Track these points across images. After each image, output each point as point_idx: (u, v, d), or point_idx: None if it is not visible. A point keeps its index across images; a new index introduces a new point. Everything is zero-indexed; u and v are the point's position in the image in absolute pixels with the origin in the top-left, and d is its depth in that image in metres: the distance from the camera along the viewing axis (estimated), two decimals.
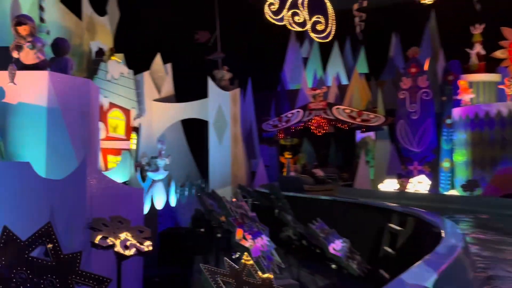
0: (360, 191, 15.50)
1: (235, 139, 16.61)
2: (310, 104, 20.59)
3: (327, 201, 10.21)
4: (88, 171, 5.45)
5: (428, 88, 18.44)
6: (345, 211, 9.41)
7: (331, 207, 10.11)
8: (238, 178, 16.76)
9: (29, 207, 4.84)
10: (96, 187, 5.66)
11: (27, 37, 6.28)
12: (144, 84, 16.51)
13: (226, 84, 16.95)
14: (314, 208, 10.88)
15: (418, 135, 18.60)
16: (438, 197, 15.94)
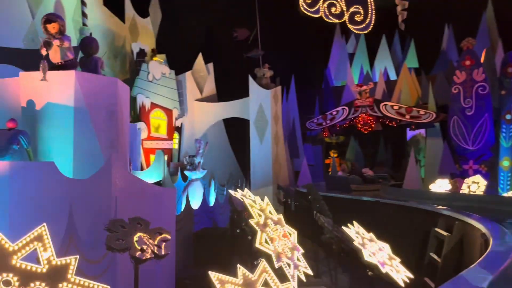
0: (409, 191, 14.59)
1: (276, 138, 16.31)
2: (356, 101, 19.85)
3: (370, 203, 9.65)
4: (114, 170, 5.38)
5: (484, 81, 17.13)
6: (388, 214, 8.84)
7: (373, 209, 9.56)
8: (280, 178, 16.46)
9: (52, 207, 4.84)
10: (123, 187, 5.59)
11: (56, 35, 6.35)
12: (186, 84, 16.63)
13: (267, 82, 16.68)
14: (357, 209, 10.37)
15: (473, 132, 17.33)
16: (496, 199, 14.67)
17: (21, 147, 5.33)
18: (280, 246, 5.36)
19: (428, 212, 7.69)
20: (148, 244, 4.17)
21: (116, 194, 5.34)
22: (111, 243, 3.99)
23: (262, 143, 16.12)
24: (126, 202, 5.61)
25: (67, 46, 6.46)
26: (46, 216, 4.38)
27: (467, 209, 7.47)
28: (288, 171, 17.87)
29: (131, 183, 5.88)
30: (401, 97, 19.51)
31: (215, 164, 17.59)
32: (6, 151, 5.13)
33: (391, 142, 24.06)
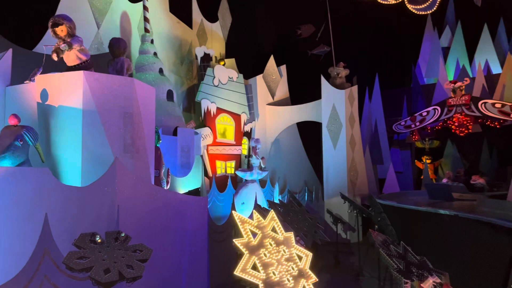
0: (506, 204, 12.24)
1: (352, 142, 14.97)
2: (450, 100, 17.57)
3: (447, 216, 8.07)
4: (119, 177, 4.95)
5: None
6: (466, 231, 7.26)
7: (451, 224, 7.98)
8: (357, 186, 15.06)
9: (24, 215, 4.54)
10: (134, 195, 5.14)
11: (66, 38, 6.20)
12: (257, 88, 16.16)
13: (342, 82, 15.45)
14: (430, 224, 8.81)
15: None
16: None
17: (25, 143, 5.20)
18: (279, 273, 4.32)
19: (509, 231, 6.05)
20: (117, 263, 3.59)
21: (120, 203, 4.90)
22: (70, 261, 3.49)
23: (336, 148, 14.91)
24: (135, 212, 5.15)
25: (78, 48, 6.29)
26: (16, 226, 4.10)
27: None
28: (368, 179, 16.32)
29: (146, 192, 5.41)
30: (504, 93, 16.75)
31: (289, 171, 16.82)
32: (8, 148, 5.02)
33: (498, 146, 20.90)
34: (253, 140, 11.64)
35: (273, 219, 4.98)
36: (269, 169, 16.53)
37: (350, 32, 19.27)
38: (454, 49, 20.97)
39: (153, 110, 6.82)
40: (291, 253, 4.70)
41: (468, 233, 7.41)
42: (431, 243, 8.65)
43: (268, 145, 16.53)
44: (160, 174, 7.69)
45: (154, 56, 11.73)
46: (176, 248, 5.69)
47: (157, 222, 5.51)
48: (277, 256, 4.51)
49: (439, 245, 8.39)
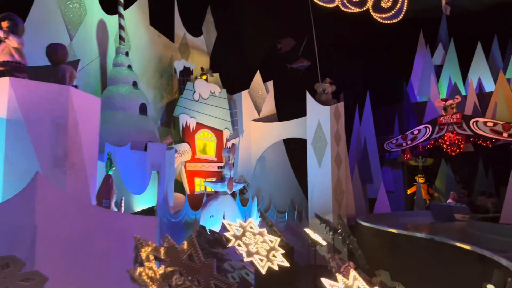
0: (497, 228, 11.63)
1: (337, 160, 14.49)
2: (441, 118, 17.11)
3: (424, 240, 7.54)
4: (41, 193, 4.50)
5: None
6: (440, 256, 6.74)
7: (427, 249, 7.46)
8: (343, 206, 14.50)
9: None
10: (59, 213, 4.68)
11: (7, 30, 5.91)
12: (242, 104, 15.80)
13: (328, 98, 15.05)
14: (406, 247, 8.27)
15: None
16: None
17: None
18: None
19: (483, 259, 5.52)
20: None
21: (39, 224, 4.44)
22: None
23: (321, 166, 14.42)
24: (60, 234, 4.67)
25: (15, 46, 5.95)
26: None
27: None
28: (356, 199, 15.77)
29: (78, 212, 4.95)
30: (497, 112, 16.29)
31: (274, 189, 16.29)
32: None
33: (493, 166, 20.34)
34: (225, 150, 11.16)
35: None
36: (254, 187, 16.06)
37: (340, 47, 19.00)
38: (447, 66, 20.62)
39: (97, 122, 6.41)
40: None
41: (442, 258, 6.88)
42: (407, 266, 8.10)
43: (253, 162, 16.07)
44: (110, 204, 7.23)
45: (128, 69, 11.42)
46: (112, 272, 5.19)
47: (89, 246, 5.02)
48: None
49: (415, 269, 7.85)
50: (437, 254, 7.04)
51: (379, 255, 9.94)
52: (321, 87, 15.16)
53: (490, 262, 5.26)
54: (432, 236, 7.23)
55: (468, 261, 5.95)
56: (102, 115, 10.83)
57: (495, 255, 5.15)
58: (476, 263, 5.65)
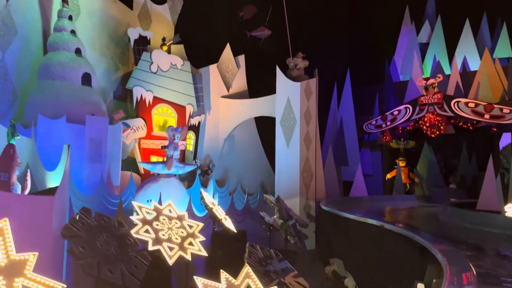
0: (467, 214, 10.86)
1: (307, 140, 13.61)
2: (422, 98, 16.22)
3: (375, 227, 6.73)
4: None
5: None
6: (391, 245, 5.96)
7: (376, 236, 6.67)
8: (312, 189, 13.68)
9: None
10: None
11: None
12: (210, 79, 14.82)
13: (300, 74, 14.09)
14: (361, 234, 7.48)
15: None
16: None
17: None
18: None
19: (426, 252, 4.71)
20: None
21: None
22: None
23: (289, 146, 13.55)
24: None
25: None
26: None
27: None
28: (329, 182, 14.96)
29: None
30: (479, 92, 15.39)
31: (244, 170, 15.42)
32: None
33: (477, 150, 19.52)
34: (169, 128, 10.21)
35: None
36: (221, 168, 15.20)
37: (319, 20, 17.92)
38: (433, 45, 19.60)
39: None
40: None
41: (391, 246, 6.09)
42: (361, 254, 7.33)
43: (221, 141, 15.18)
44: (10, 178, 6.34)
45: (71, 34, 10.38)
46: None
47: None
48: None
49: (368, 257, 7.08)
50: (387, 242, 6.24)
51: (335, 241, 9.17)
52: (293, 62, 14.18)
53: (429, 255, 4.45)
54: (383, 223, 6.41)
55: (412, 251, 5.14)
56: (38, 84, 9.94)
57: (433, 248, 4.33)
58: (419, 254, 4.84)
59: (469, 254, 6.82)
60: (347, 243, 8.09)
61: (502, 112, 14.05)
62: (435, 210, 13.82)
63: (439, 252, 4.08)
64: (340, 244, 8.61)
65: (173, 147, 9.85)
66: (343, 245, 8.38)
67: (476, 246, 7.84)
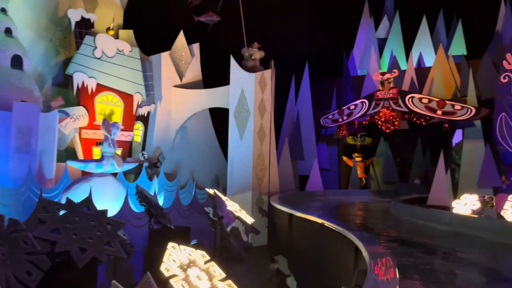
0: (418, 211, 10.86)
1: (261, 133, 13.22)
2: (377, 93, 16.19)
3: (317, 224, 6.41)
4: None
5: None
6: (330, 242, 5.66)
7: (317, 233, 6.38)
8: (265, 183, 13.32)
9: None
10: None
11: None
12: (162, 67, 14.13)
13: (255, 65, 13.63)
14: (304, 231, 7.17)
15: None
16: None
17: None
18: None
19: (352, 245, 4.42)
20: None
21: None
22: None
23: (242, 139, 13.12)
24: None
25: None
26: None
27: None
28: (283, 176, 14.68)
29: None
30: (433, 88, 15.51)
31: (197, 163, 14.86)
32: None
33: (431, 146, 19.82)
34: (105, 122, 9.53)
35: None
36: (172, 161, 14.59)
37: (278, 12, 17.52)
38: (391, 40, 19.67)
39: None
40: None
41: (328, 244, 5.80)
42: (305, 252, 7.03)
43: (173, 133, 14.54)
44: None
45: (1, 12, 9.47)
46: None
47: None
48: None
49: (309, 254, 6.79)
50: (327, 240, 5.93)
51: (281, 238, 8.86)
52: (248, 52, 13.69)
53: (361, 254, 4.15)
54: (324, 220, 6.10)
55: (349, 251, 4.83)
56: None
57: (364, 246, 4.02)
58: (354, 255, 4.53)
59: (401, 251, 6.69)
60: (291, 240, 7.78)
61: (454, 108, 14.19)
62: (388, 205, 13.85)
63: (366, 252, 3.78)
64: (286, 241, 8.30)
65: (110, 143, 9.16)
66: (289, 242, 8.07)
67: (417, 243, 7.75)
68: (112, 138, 9.27)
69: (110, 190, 9.06)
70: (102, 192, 8.49)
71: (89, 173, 9.45)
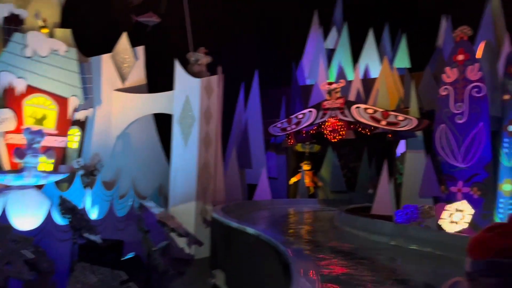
0: (361, 221, 10.86)
1: (206, 141, 12.82)
2: (325, 103, 16.28)
3: (253, 237, 6.08)
4: None
5: (480, 81, 13.36)
6: (265, 256, 5.34)
7: (255, 246, 6.04)
8: (210, 192, 12.91)
9: None
10: None
11: None
12: (102, 69, 13.41)
13: (201, 70, 13.27)
14: (242, 244, 6.83)
15: (465, 145, 13.53)
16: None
17: None
18: None
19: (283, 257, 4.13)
20: None
21: None
22: None
23: (187, 146, 12.65)
24: None
25: None
26: None
27: None
28: (230, 185, 14.33)
29: None
30: (378, 99, 15.81)
31: (139, 171, 14.16)
32: None
33: (377, 156, 20.25)
34: (27, 130, 8.76)
35: None
36: (112, 168, 13.82)
37: (227, 18, 17.27)
38: (339, 51, 19.98)
39: None
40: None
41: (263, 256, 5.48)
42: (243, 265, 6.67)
43: (113, 139, 13.79)
44: None
45: None
46: None
47: None
48: None
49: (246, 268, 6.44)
50: (263, 254, 5.62)
51: (221, 251, 8.48)
52: (194, 56, 13.32)
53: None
54: (260, 232, 5.79)
55: (281, 264, 4.54)
56: None
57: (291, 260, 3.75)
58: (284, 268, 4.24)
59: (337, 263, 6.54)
60: (230, 254, 7.41)
61: (397, 119, 14.47)
62: (334, 215, 13.85)
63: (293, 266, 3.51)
64: (225, 254, 7.92)
65: (32, 153, 8.37)
66: (227, 255, 7.69)
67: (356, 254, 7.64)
68: (34, 147, 8.47)
69: (31, 203, 8.21)
70: (21, 206, 7.68)
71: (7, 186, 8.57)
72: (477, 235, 2.23)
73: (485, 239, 2.19)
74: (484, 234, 2.19)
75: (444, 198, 13.37)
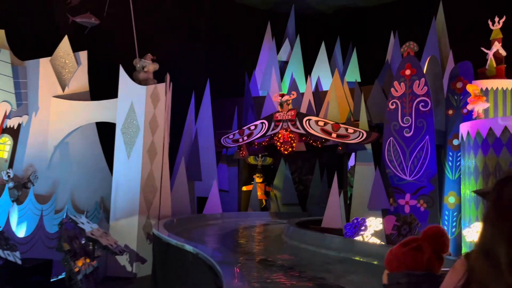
0: (309, 235, 10.65)
1: (151, 152, 12.19)
2: (277, 114, 16.12)
3: (191, 255, 5.59)
4: None
5: (426, 96, 13.70)
6: (202, 275, 4.87)
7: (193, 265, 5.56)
8: (155, 206, 12.25)
9: None
10: None
11: None
12: (40, 74, 12.51)
13: (147, 77, 12.70)
14: (181, 262, 6.31)
15: (411, 158, 13.75)
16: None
17: None
18: None
19: None
20: None
21: None
22: None
23: (130, 157, 11.96)
24: None
25: None
26: None
27: None
28: (177, 198, 13.72)
29: None
30: (328, 111, 15.85)
31: (79, 184, 13.25)
32: None
33: (329, 168, 20.31)
34: None
35: None
36: (49, 180, 12.84)
37: (177, 24, 16.80)
38: (292, 63, 20.01)
39: None
40: None
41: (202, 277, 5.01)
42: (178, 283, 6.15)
43: (50, 149, 12.84)
44: None
45: None
46: None
47: None
48: None
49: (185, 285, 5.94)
50: (200, 271, 5.15)
51: (161, 269, 7.90)
52: (140, 63, 12.74)
53: None
54: (199, 251, 5.33)
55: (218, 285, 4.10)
56: None
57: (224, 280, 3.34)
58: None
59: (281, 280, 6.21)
60: (169, 272, 6.87)
61: (347, 132, 14.51)
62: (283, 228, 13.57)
63: None
64: (164, 273, 7.35)
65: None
66: (167, 274, 7.14)
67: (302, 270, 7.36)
68: None
69: None
70: None
71: None
72: (393, 248, 2.14)
73: (399, 254, 2.12)
74: (399, 248, 2.10)
75: (392, 211, 13.48)
